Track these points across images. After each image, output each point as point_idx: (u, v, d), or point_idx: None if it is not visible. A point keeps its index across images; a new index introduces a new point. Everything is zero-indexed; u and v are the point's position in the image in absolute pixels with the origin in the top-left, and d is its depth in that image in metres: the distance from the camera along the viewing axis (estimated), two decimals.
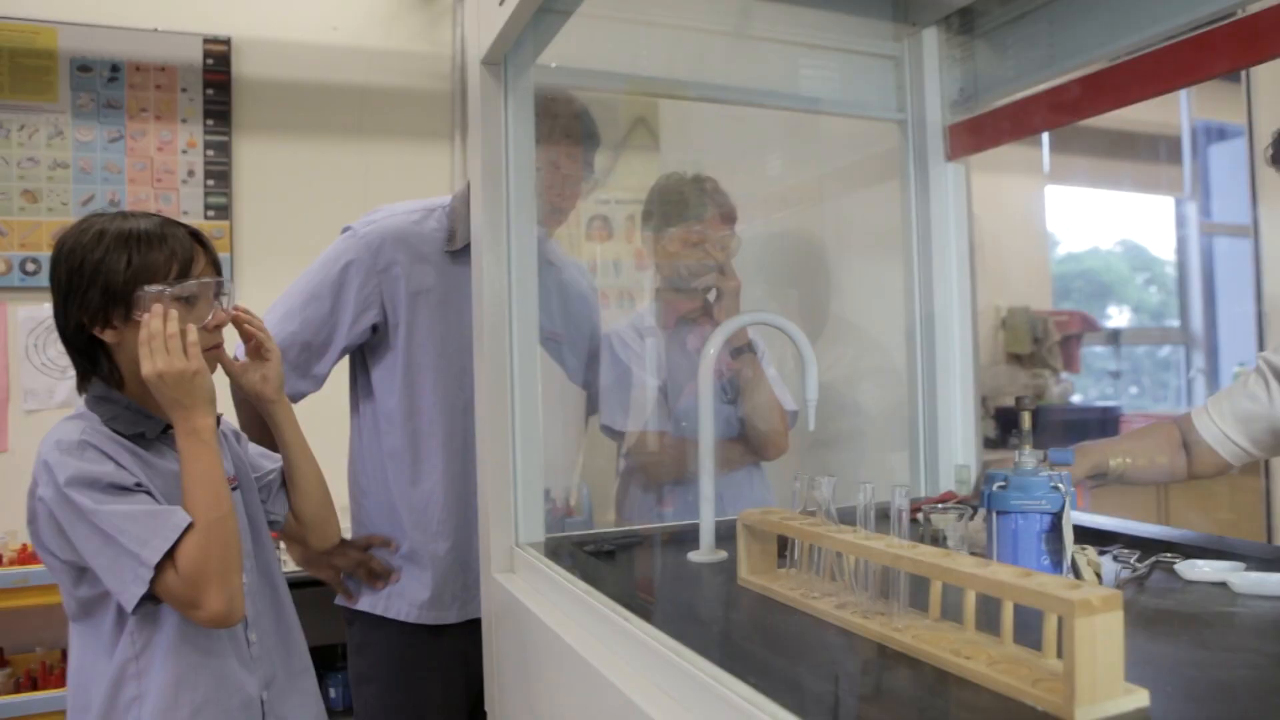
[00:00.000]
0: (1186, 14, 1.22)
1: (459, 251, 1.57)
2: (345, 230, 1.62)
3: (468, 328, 1.43)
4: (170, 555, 1.08)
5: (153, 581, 1.08)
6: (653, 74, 1.55)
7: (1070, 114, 1.43)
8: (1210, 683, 0.74)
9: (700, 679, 0.79)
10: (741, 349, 1.86)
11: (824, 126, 1.91)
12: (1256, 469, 2.03)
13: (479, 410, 1.41)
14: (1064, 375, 3.72)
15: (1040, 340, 3.65)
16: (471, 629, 1.54)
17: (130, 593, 1.08)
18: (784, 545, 1.13)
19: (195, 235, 1.21)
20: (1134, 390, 4.49)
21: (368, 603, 1.60)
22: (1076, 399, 3.89)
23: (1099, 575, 1.09)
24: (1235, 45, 1.19)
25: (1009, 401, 3.47)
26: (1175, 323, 4.51)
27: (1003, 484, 1.10)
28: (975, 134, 1.57)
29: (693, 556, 1.27)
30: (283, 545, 1.65)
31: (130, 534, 1.08)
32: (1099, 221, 4.56)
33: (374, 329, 1.58)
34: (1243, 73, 2.02)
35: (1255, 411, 1.30)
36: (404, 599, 1.58)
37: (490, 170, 1.34)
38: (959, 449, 1.66)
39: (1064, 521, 1.07)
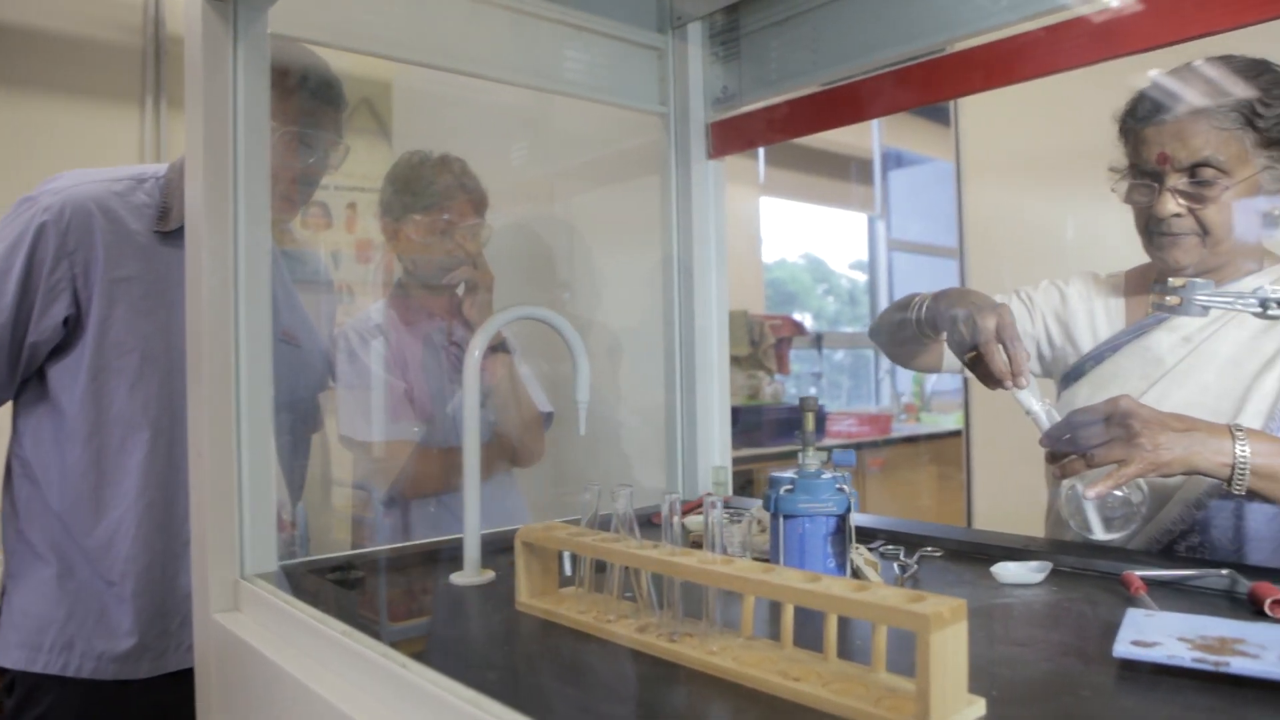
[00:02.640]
0: (941, 34, 1.27)
1: (173, 233, 1.31)
2: (22, 201, 1.29)
3: (181, 325, 1.18)
4: None
5: None
6: (393, 40, 1.38)
7: (827, 121, 1.46)
8: (1025, 681, 0.74)
9: None
10: (494, 347, 1.74)
11: (581, 114, 1.84)
12: (959, 461, 2.23)
13: (193, 423, 1.17)
14: (777, 376, 3.95)
15: (757, 343, 3.85)
16: (173, 683, 1.29)
17: None
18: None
19: None
20: (836, 389, 4.89)
21: (26, 657, 1.29)
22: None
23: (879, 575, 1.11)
24: (974, 71, 1.26)
25: (735, 401, 3.61)
26: (849, 329, 4.98)
27: (789, 487, 1.08)
28: (737, 133, 1.57)
29: (456, 579, 1.14)
30: None
31: None
32: (792, 234, 4.91)
33: (65, 322, 1.28)
34: (951, 111, 2.22)
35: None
36: (81, 651, 1.30)
37: (214, 134, 1.12)
38: (716, 450, 1.65)
39: (848, 523, 1.07)
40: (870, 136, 4.57)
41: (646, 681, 0.79)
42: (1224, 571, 0.99)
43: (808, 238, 5.01)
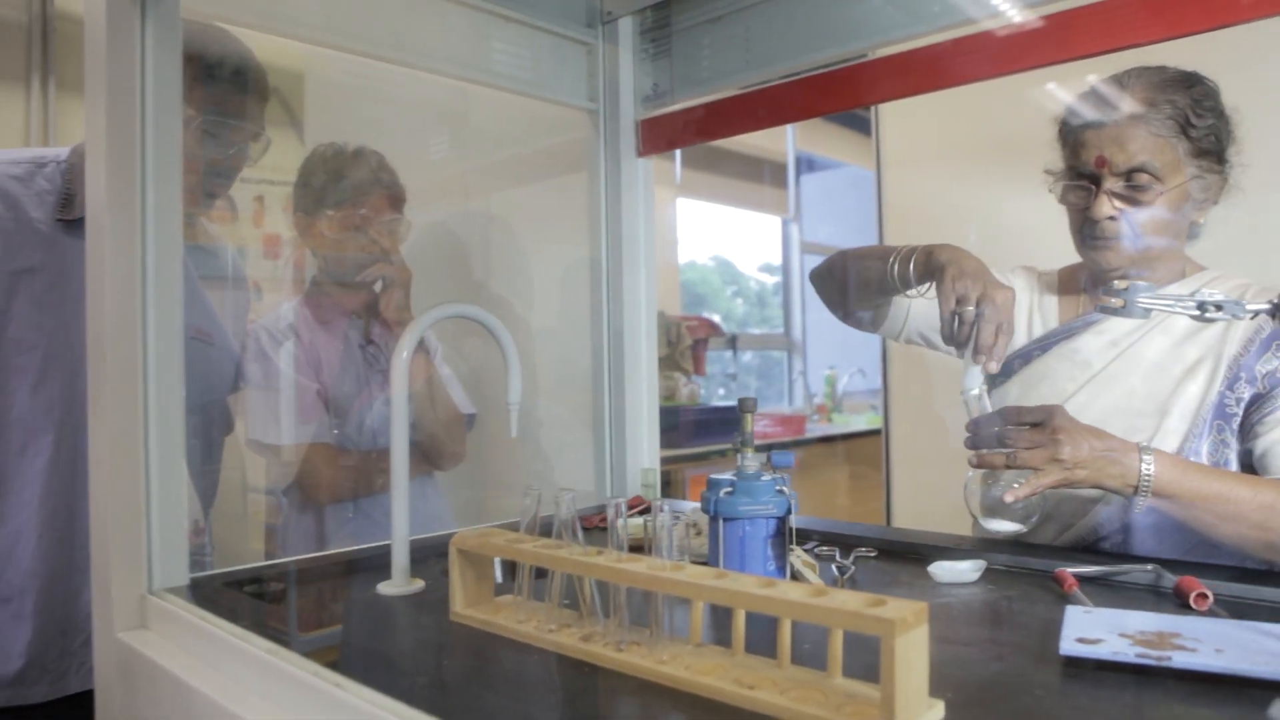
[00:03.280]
0: (876, 36, 1.28)
1: (77, 222, 1.22)
2: None
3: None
4: None
5: None
6: (313, 24, 1.32)
7: (759, 121, 1.46)
8: (978, 682, 0.74)
9: None
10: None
11: (505, 109, 1.79)
12: (874, 460, 2.27)
13: (94, 426, 1.09)
14: (694, 378, 3.95)
15: (674, 344, 3.85)
16: (75, 706, 1.20)
17: None
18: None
19: None
20: (748, 390, 4.93)
21: None
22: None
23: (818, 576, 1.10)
24: (908, 75, 1.27)
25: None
26: (756, 330, 5.04)
27: (729, 490, 1.06)
28: (667, 131, 1.55)
29: (384, 589, 1.08)
30: None
31: None
32: (703, 236, 4.94)
33: None
34: (873, 120, 2.25)
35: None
36: None
37: (119, 118, 1.04)
38: (645, 452, 1.63)
39: (788, 525, 1.06)
40: (785, 140, 4.63)
41: (596, 693, 0.76)
42: (1149, 567, 1.02)
43: (718, 240, 5.05)
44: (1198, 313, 0.75)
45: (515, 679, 0.80)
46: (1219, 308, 0.74)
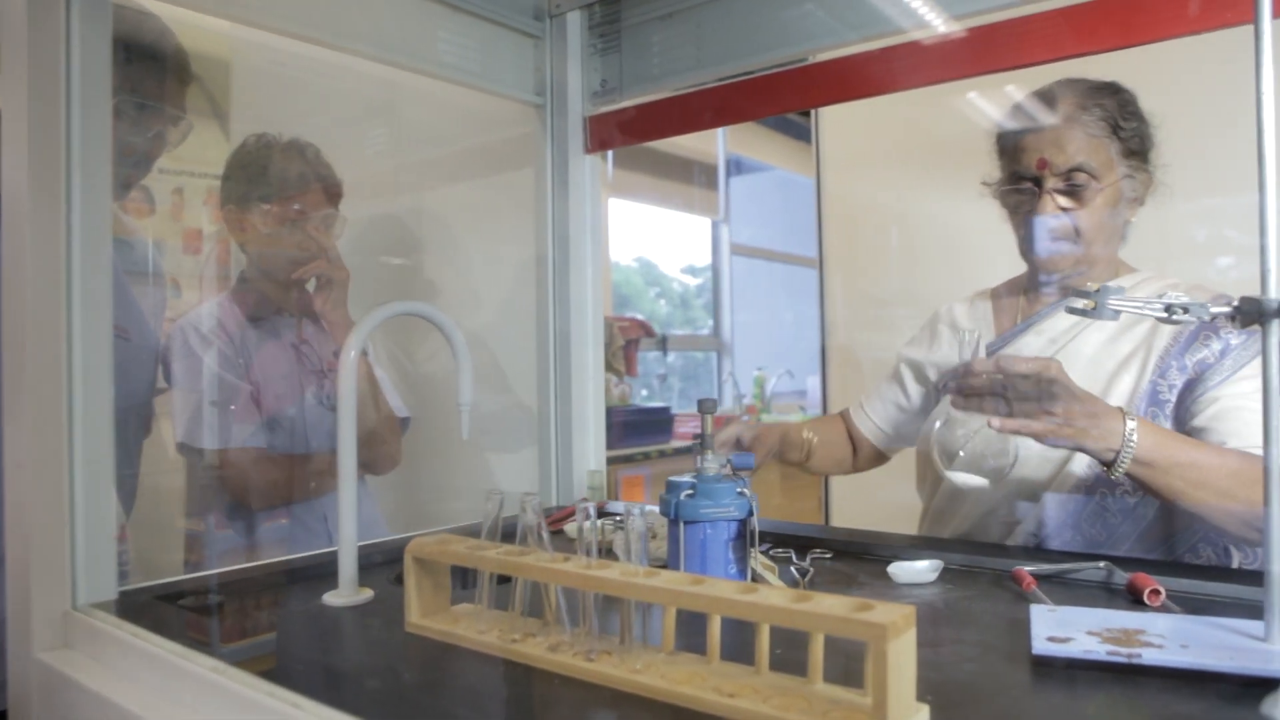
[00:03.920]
0: (830, 37, 1.28)
1: None
2: None
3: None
4: None
5: None
6: (247, 3, 1.26)
7: (710, 120, 1.45)
8: (955, 684, 0.74)
9: None
10: None
11: (446, 103, 1.74)
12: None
13: (10, 429, 1.01)
14: (625, 378, 3.94)
15: (607, 345, 3.82)
16: None
17: None
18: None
19: None
20: (678, 391, 4.93)
21: None
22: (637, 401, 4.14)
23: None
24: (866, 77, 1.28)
25: None
26: (679, 331, 5.06)
27: (690, 492, 1.05)
28: (616, 128, 1.53)
29: (331, 599, 1.04)
30: None
31: None
32: (628, 236, 4.92)
33: None
34: (813, 126, 2.27)
35: (902, 409, 1.43)
36: None
37: (41, 96, 0.97)
38: (591, 454, 1.60)
39: (749, 527, 1.05)
40: (715, 141, 4.65)
41: (569, 705, 0.74)
42: (1100, 564, 1.04)
43: (643, 240, 5.05)
44: (1165, 315, 0.76)
45: (482, 692, 0.77)
46: (1185, 310, 0.75)
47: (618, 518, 1.21)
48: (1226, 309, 0.76)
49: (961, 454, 1.17)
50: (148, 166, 1.44)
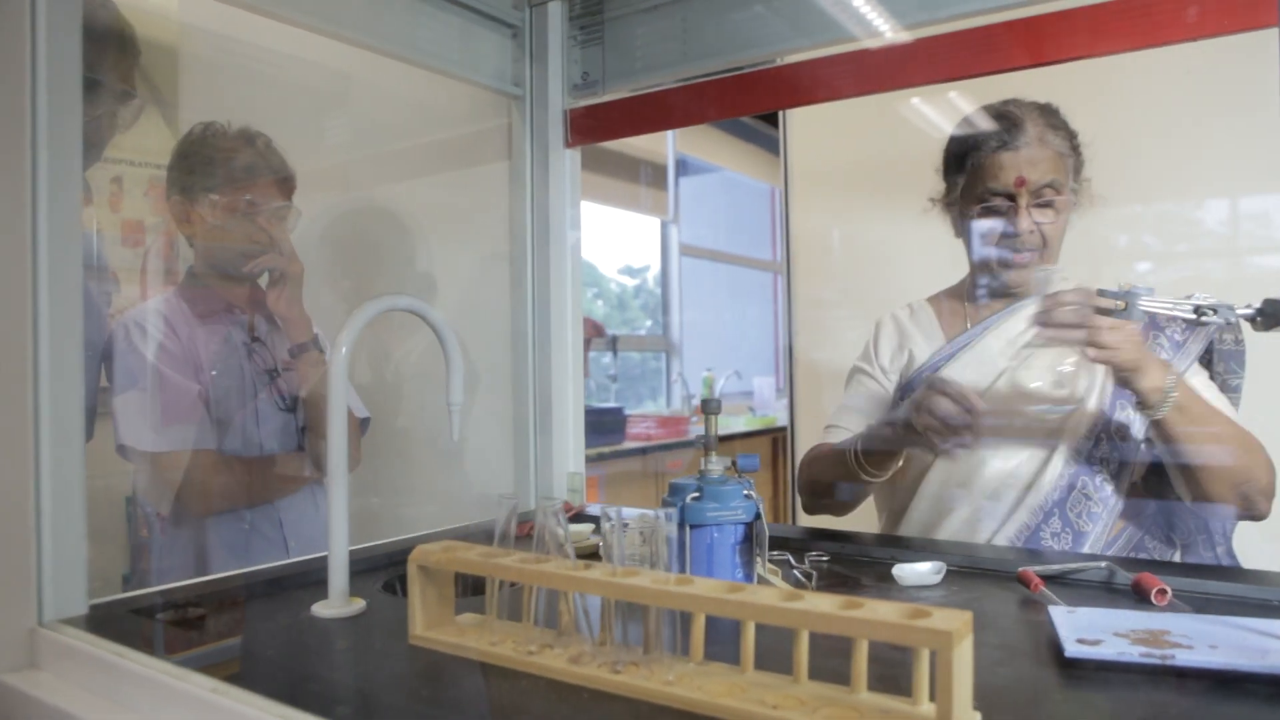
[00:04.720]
0: (820, 35, 1.27)
1: None
2: None
3: None
4: None
5: None
6: None
7: (694, 116, 1.43)
8: (996, 690, 0.73)
9: None
10: (304, 345, 1.56)
11: (413, 92, 1.69)
12: (782, 461, 2.28)
13: None
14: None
15: None
16: None
17: None
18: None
19: None
20: (627, 392, 4.91)
21: None
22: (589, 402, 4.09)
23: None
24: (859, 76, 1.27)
25: None
26: (622, 331, 5.04)
27: (696, 495, 1.02)
28: (597, 122, 1.49)
29: (320, 610, 0.98)
30: None
31: None
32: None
33: None
34: (780, 133, 2.26)
35: (870, 415, 1.44)
36: None
37: (7, 80, 0.89)
38: (570, 456, 1.56)
39: (755, 530, 1.03)
40: (665, 142, 4.64)
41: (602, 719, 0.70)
42: (1102, 564, 1.05)
43: (587, 241, 5.00)
44: (1194, 316, 0.77)
45: (510, 710, 0.73)
46: (1214, 311, 0.76)
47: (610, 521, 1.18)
48: (1249, 311, 0.77)
49: (1038, 384, 1.25)
50: (100, 150, 1.36)
